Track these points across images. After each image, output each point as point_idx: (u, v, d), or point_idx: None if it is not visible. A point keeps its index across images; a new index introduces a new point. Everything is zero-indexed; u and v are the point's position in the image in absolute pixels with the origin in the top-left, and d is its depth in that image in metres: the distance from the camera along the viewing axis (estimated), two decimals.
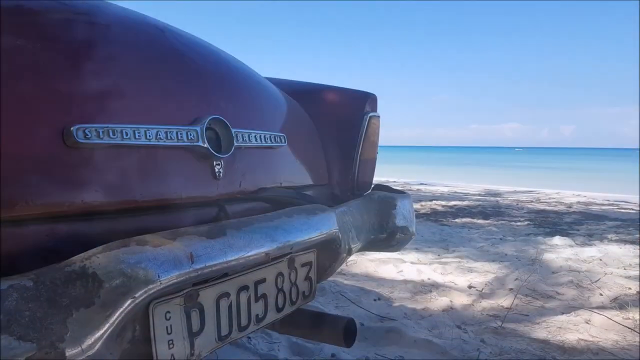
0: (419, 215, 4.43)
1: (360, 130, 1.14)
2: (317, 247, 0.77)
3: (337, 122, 1.14)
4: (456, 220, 4.22)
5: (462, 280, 2.21)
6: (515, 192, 7.38)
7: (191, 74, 0.71)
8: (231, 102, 0.76)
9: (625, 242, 3.18)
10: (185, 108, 0.66)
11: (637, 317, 1.68)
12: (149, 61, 0.65)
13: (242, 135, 0.73)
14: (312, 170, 1.02)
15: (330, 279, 2.19)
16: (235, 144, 0.69)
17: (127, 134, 0.55)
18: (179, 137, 0.61)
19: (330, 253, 0.81)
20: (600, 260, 2.56)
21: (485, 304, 1.88)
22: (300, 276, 0.74)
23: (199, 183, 0.65)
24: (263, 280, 0.65)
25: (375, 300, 1.93)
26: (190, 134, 0.62)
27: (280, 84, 1.13)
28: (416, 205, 5.13)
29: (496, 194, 6.91)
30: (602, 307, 1.80)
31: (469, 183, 9.54)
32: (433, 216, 4.42)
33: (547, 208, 5.16)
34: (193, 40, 0.81)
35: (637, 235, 3.40)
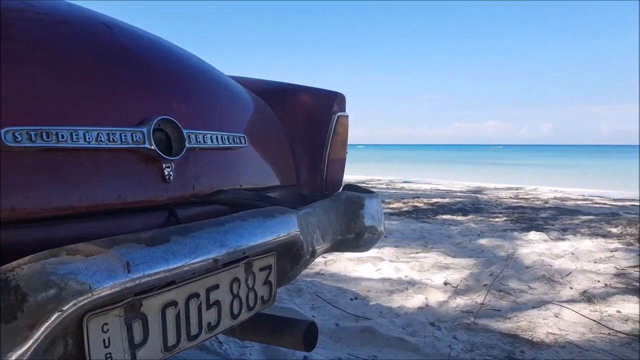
0: (401, 213, 4.47)
1: (329, 130, 1.13)
2: (276, 251, 0.75)
3: (305, 122, 1.12)
4: (437, 217, 4.27)
5: (438, 277, 2.23)
6: (496, 188, 7.54)
7: (140, 72, 0.68)
8: (184, 101, 0.73)
9: (597, 235, 3.28)
10: (131, 108, 0.63)
11: (603, 310, 1.73)
12: (92, 58, 0.62)
13: (196, 136, 0.70)
14: (277, 171, 1.00)
15: (308, 279, 2.18)
16: (188, 145, 0.67)
17: (63, 137, 0.52)
18: (123, 139, 0.58)
19: (291, 256, 0.79)
20: (572, 254, 2.63)
21: (460, 300, 1.91)
22: (258, 281, 0.73)
23: (147, 187, 0.62)
24: (216, 287, 0.63)
25: (351, 299, 1.93)
26: (136, 136, 0.60)
27: (246, 83, 1.11)
28: (399, 203, 5.17)
29: (477, 191, 7.04)
30: (571, 301, 1.85)
31: (450, 180, 9.69)
32: (414, 213, 4.46)
33: (525, 204, 5.28)
34: (146, 37, 0.77)
35: (608, 229, 3.52)
